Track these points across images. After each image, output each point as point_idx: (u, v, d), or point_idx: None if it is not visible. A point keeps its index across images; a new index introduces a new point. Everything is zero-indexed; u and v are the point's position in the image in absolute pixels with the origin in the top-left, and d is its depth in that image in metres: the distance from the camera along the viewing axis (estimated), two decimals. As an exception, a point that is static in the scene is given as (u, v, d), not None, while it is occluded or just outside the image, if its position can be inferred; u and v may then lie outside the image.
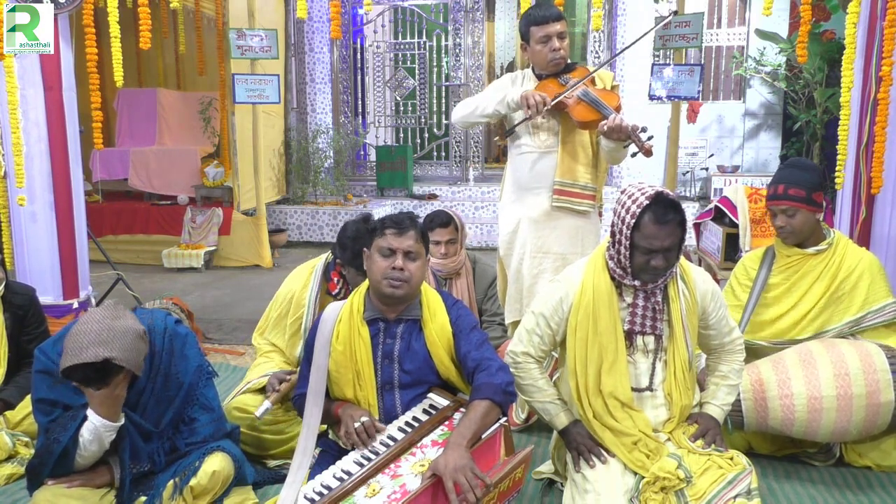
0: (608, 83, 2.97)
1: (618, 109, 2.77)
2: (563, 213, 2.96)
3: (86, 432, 2.14)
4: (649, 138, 2.68)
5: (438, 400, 2.25)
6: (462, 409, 2.19)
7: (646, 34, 3.41)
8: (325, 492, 2.02)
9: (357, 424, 2.16)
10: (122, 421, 2.19)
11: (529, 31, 2.91)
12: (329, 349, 2.27)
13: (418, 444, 2.11)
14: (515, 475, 2.07)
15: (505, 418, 2.17)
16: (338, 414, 2.25)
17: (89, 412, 2.14)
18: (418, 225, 2.28)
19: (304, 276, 2.94)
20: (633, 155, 2.74)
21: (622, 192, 2.21)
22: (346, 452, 2.18)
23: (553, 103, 2.82)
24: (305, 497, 2.03)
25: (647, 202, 2.11)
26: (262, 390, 2.80)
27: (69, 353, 2.02)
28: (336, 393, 2.31)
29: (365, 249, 2.32)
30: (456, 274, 3.51)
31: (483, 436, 2.08)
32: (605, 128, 2.69)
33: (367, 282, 2.34)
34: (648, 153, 2.68)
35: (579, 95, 2.82)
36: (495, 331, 3.48)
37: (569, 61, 2.98)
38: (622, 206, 2.17)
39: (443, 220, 3.45)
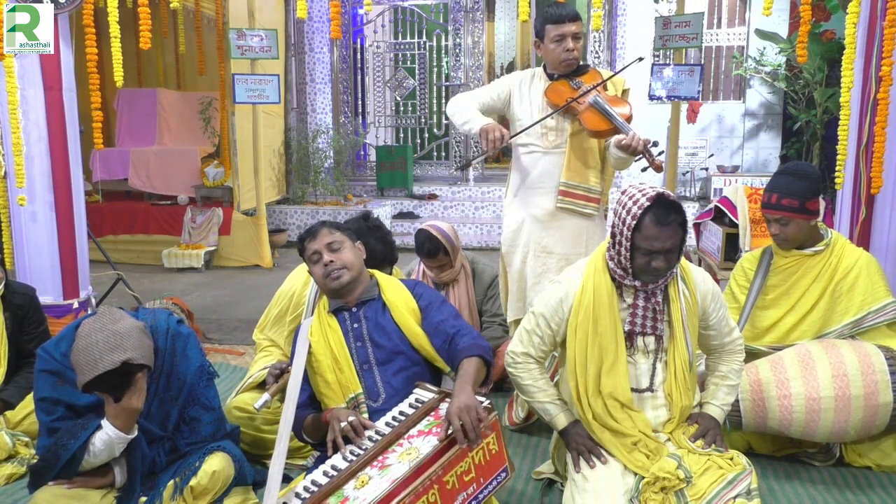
0: (619, 88, 2.97)
1: (629, 120, 2.77)
2: (567, 213, 2.96)
3: (98, 442, 2.15)
4: (660, 153, 2.69)
5: (423, 394, 2.27)
6: (447, 400, 2.20)
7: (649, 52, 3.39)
8: (315, 488, 2.03)
9: (344, 423, 2.17)
10: (136, 433, 2.20)
11: (545, 28, 2.90)
12: (307, 343, 2.36)
13: (405, 436, 2.12)
14: (487, 445, 2.07)
15: (495, 412, 2.17)
16: (326, 421, 2.26)
17: (104, 423, 2.15)
18: (329, 223, 2.46)
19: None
20: (644, 170, 2.75)
21: (622, 193, 2.20)
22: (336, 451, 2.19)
23: (514, 135, 2.90)
24: (296, 495, 2.04)
25: (648, 203, 2.10)
26: (262, 385, 2.81)
27: (85, 369, 2.03)
28: (318, 383, 2.36)
29: (305, 264, 2.48)
30: (454, 280, 3.50)
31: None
32: (622, 143, 2.70)
33: None
34: (659, 169, 2.69)
35: (591, 103, 2.82)
36: (495, 331, 3.48)
37: (581, 62, 2.97)
38: (622, 207, 2.17)
39: (427, 251, 3.39)
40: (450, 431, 2.00)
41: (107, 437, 2.14)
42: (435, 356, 2.34)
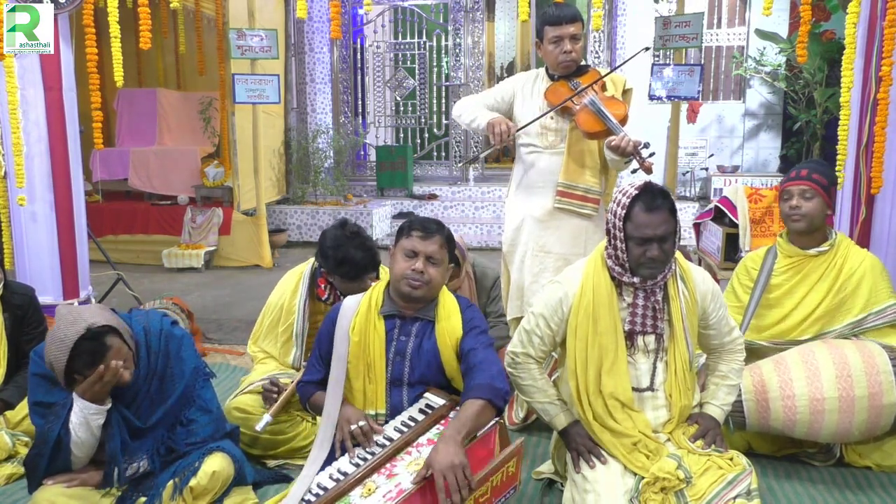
0: (619, 88, 2.96)
1: (623, 121, 2.77)
2: (565, 213, 2.96)
3: (73, 416, 2.16)
4: (651, 155, 2.69)
5: (434, 399, 2.26)
6: (458, 409, 2.19)
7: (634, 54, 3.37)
8: (322, 492, 2.03)
9: (354, 427, 2.16)
10: (109, 404, 2.21)
11: (544, 29, 2.90)
12: (348, 339, 2.29)
13: (414, 444, 2.12)
14: (508, 469, 2.06)
15: (500, 417, 2.17)
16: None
17: (75, 396, 2.16)
18: (445, 232, 2.32)
19: (293, 283, 2.94)
20: (634, 171, 2.75)
21: (616, 191, 2.24)
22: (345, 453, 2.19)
23: (520, 129, 2.90)
24: (302, 499, 2.04)
25: (636, 192, 2.15)
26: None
27: (59, 355, 2.07)
28: (345, 385, 2.31)
29: (390, 246, 2.35)
30: (458, 288, 3.48)
31: (478, 433, 2.09)
32: (611, 144, 2.71)
33: (387, 277, 2.38)
34: (648, 171, 2.69)
35: (586, 103, 2.82)
36: (501, 330, 3.46)
37: (582, 63, 2.97)
38: (615, 202, 2.20)
39: None
40: (424, 471, 1.94)
41: (78, 409, 2.15)
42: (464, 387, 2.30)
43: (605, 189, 3.04)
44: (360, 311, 2.32)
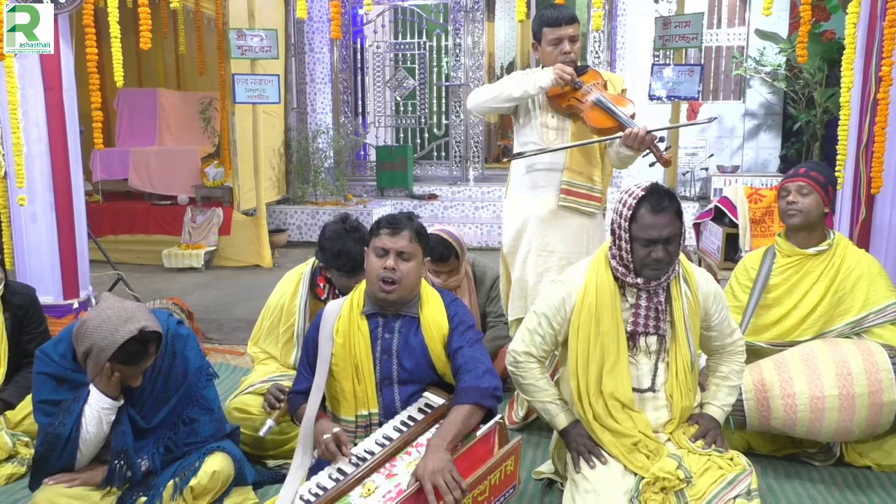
0: (618, 87, 2.97)
1: (632, 118, 2.78)
2: (569, 212, 2.96)
3: (87, 409, 2.18)
4: (667, 149, 2.69)
5: (434, 399, 2.25)
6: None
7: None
8: (321, 492, 2.03)
9: (326, 436, 2.15)
10: (122, 401, 2.22)
11: (542, 31, 2.90)
12: (332, 344, 2.28)
13: (413, 444, 2.12)
14: (506, 468, 2.07)
15: (500, 416, 2.17)
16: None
17: (91, 388, 2.18)
18: (415, 225, 2.31)
19: (293, 283, 2.94)
20: (652, 165, 2.75)
21: (622, 192, 2.23)
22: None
23: (562, 147, 2.87)
24: (301, 498, 2.04)
25: (643, 193, 2.15)
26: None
27: (103, 344, 2.07)
28: (334, 388, 2.32)
29: (366, 248, 2.34)
30: (458, 286, 3.49)
31: (478, 434, 2.09)
32: (631, 134, 2.70)
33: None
34: (667, 163, 2.70)
35: (594, 101, 2.82)
36: (501, 329, 3.46)
37: (579, 63, 2.98)
38: (620, 203, 2.20)
39: (440, 255, 3.32)
40: (413, 479, 1.94)
41: (93, 401, 2.18)
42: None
43: (602, 187, 3.03)
44: (342, 313, 2.32)
